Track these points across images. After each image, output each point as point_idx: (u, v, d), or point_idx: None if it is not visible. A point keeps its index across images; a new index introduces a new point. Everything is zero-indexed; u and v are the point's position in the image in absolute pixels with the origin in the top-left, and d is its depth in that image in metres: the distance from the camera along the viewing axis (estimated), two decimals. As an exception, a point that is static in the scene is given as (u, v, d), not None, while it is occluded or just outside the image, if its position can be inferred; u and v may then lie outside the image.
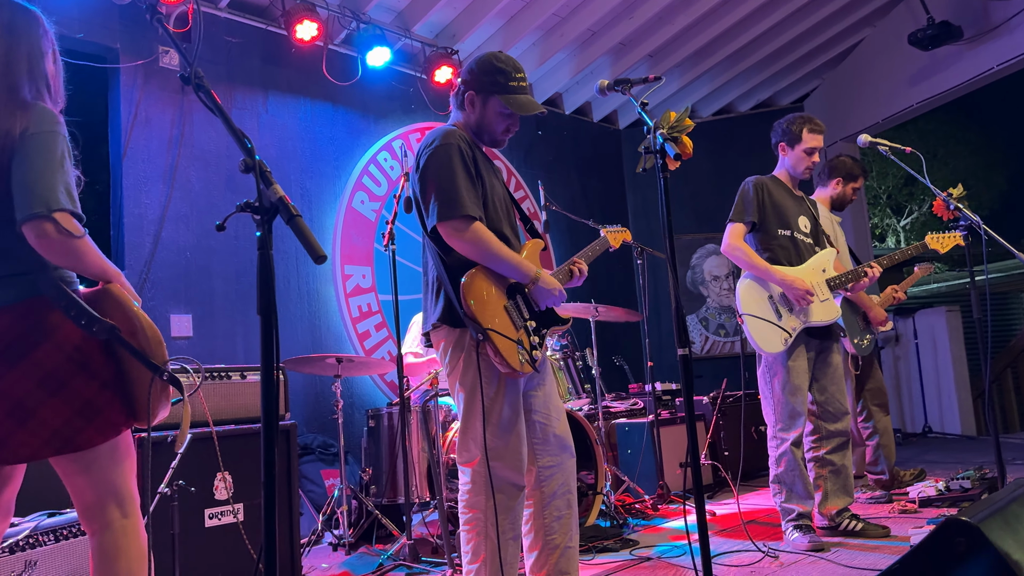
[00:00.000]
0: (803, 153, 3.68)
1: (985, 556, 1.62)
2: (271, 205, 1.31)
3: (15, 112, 1.74)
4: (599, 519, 4.08)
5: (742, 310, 3.54)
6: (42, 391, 1.71)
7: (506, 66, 2.65)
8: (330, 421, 5.10)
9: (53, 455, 1.74)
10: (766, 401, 3.60)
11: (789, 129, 3.69)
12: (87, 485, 1.81)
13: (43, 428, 1.70)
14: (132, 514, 1.86)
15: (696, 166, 7.83)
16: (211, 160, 5.01)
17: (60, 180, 1.72)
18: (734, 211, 3.67)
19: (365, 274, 5.70)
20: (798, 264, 3.61)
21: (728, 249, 3.62)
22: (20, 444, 1.70)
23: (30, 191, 1.68)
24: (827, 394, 3.63)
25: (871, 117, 7.76)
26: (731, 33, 6.92)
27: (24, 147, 1.71)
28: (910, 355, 8.08)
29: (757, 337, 3.49)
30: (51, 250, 1.71)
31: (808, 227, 3.74)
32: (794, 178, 3.78)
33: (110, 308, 1.79)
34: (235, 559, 3.14)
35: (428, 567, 3.51)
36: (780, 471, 3.53)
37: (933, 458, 6.13)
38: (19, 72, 1.79)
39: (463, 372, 2.57)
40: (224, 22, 5.18)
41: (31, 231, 1.69)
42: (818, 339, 3.62)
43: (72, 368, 1.74)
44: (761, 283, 3.58)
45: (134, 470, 1.90)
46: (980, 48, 6.75)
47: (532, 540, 2.69)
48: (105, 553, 1.81)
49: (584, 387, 4.40)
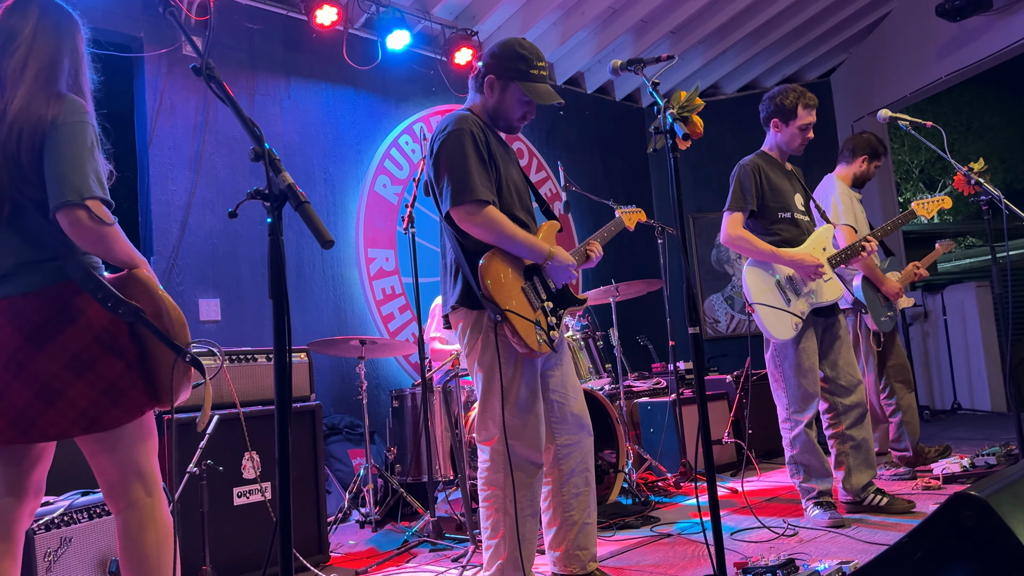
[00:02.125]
0: (798, 130, 3.60)
1: (994, 531, 1.63)
2: (280, 192, 1.36)
3: (49, 100, 1.82)
4: (621, 497, 4.12)
5: (752, 299, 3.50)
6: (69, 372, 1.77)
7: (529, 53, 2.68)
8: (356, 402, 5.18)
9: (80, 434, 1.81)
10: (777, 385, 3.59)
11: (783, 104, 3.60)
12: (111, 464, 1.88)
13: (71, 408, 1.77)
14: (155, 493, 1.93)
15: (721, 143, 7.78)
16: (236, 146, 5.08)
17: (91, 168, 1.78)
18: (731, 199, 3.57)
19: (388, 257, 5.76)
20: (801, 244, 3.57)
21: (729, 239, 3.54)
22: (49, 424, 1.77)
23: (63, 179, 1.75)
24: (837, 368, 3.60)
25: (899, 91, 7.62)
26: (755, 7, 6.82)
27: (54, 136, 1.78)
28: (939, 331, 7.98)
29: (768, 325, 3.47)
30: (83, 237, 1.77)
31: (803, 203, 3.69)
32: (784, 153, 3.71)
33: (135, 291, 1.85)
34: (263, 536, 3.23)
35: (452, 543, 3.57)
36: (795, 452, 3.53)
37: (961, 435, 6.07)
38: (60, 69, 1.89)
39: (481, 353, 2.62)
40: (245, 9, 5.23)
41: (64, 218, 1.75)
42: (823, 316, 3.61)
43: (98, 350, 1.80)
44: (766, 268, 3.54)
45: (156, 450, 1.96)
46: (1011, 18, 6.59)
47: (551, 517, 2.75)
48: (130, 531, 1.88)
49: (605, 366, 4.42)
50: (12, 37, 1.88)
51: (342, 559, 3.57)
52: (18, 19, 1.90)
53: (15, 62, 1.85)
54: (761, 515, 3.70)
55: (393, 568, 3.34)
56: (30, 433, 1.77)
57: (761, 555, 2.77)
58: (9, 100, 1.81)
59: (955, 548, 1.68)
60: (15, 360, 1.77)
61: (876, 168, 4.50)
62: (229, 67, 5.11)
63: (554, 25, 6.53)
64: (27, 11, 1.91)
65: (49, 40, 1.90)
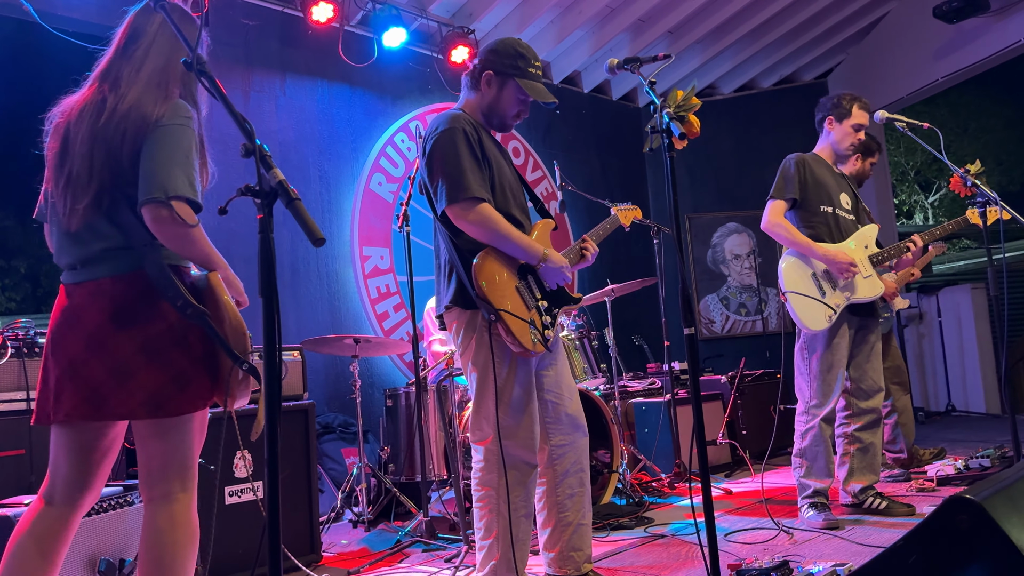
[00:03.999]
0: (851, 128, 3.64)
1: (988, 534, 1.62)
2: (271, 189, 1.34)
3: (158, 102, 1.90)
4: (615, 497, 4.11)
5: (785, 287, 3.52)
6: (142, 356, 1.83)
7: (527, 52, 2.72)
8: (350, 400, 5.16)
9: (145, 418, 1.85)
10: (801, 376, 3.59)
11: (840, 103, 3.65)
12: (159, 451, 1.90)
13: (140, 390, 1.82)
14: (191, 490, 1.95)
15: (718, 143, 7.78)
16: (230, 143, 5.03)
17: (181, 169, 1.86)
18: (775, 188, 3.63)
19: (383, 255, 5.74)
20: (840, 241, 3.59)
21: (768, 226, 3.59)
22: (118, 403, 1.82)
23: (152, 176, 1.82)
24: (861, 371, 3.62)
25: (896, 92, 7.63)
26: (753, 7, 6.81)
27: (154, 135, 1.86)
28: (934, 333, 7.99)
29: (801, 314, 3.47)
30: (164, 234, 1.85)
31: (850, 204, 3.71)
32: (837, 155, 3.74)
33: (204, 294, 1.93)
34: (255, 536, 3.21)
35: (445, 543, 3.56)
36: (805, 445, 3.53)
37: (955, 437, 6.08)
38: (175, 73, 1.98)
39: (475, 352, 2.60)
40: (241, 5, 5.20)
41: (148, 213, 1.83)
42: (859, 316, 3.60)
43: (171, 339, 1.86)
44: (804, 260, 3.56)
45: (200, 450, 1.99)
46: (1008, 20, 6.60)
47: (545, 517, 2.73)
48: (157, 525, 1.88)
49: (600, 366, 4.41)
50: (135, 38, 1.99)
51: (334, 559, 3.55)
52: (143, 20, 2.00)
53: (133, 63, 1.95)
54: (755, 516, 3.70)
55: (386, 568, 3.33)
56: (102, 411, 1.83)
57: (755, 556, 2.76)
58: (121, 98, 1.90)
59: (950, 551, 1.67)
60: (95, 339, 1.83)
61: (871, 165, 4.49)
62: (224, 63, 5.08)
63: (551, 24, 6.52)
64: (152, 13, 1.99)
65: (168, 43, 1.99)
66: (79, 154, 1.88)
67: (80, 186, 1.87)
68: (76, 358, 1.84)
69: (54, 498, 1.92)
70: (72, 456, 1.92)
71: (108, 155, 1.86)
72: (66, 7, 4.53)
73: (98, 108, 1.90)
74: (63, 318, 1.89)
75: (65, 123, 1.94)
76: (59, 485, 1.92)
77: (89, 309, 1.86)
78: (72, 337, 1.85)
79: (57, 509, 1.91)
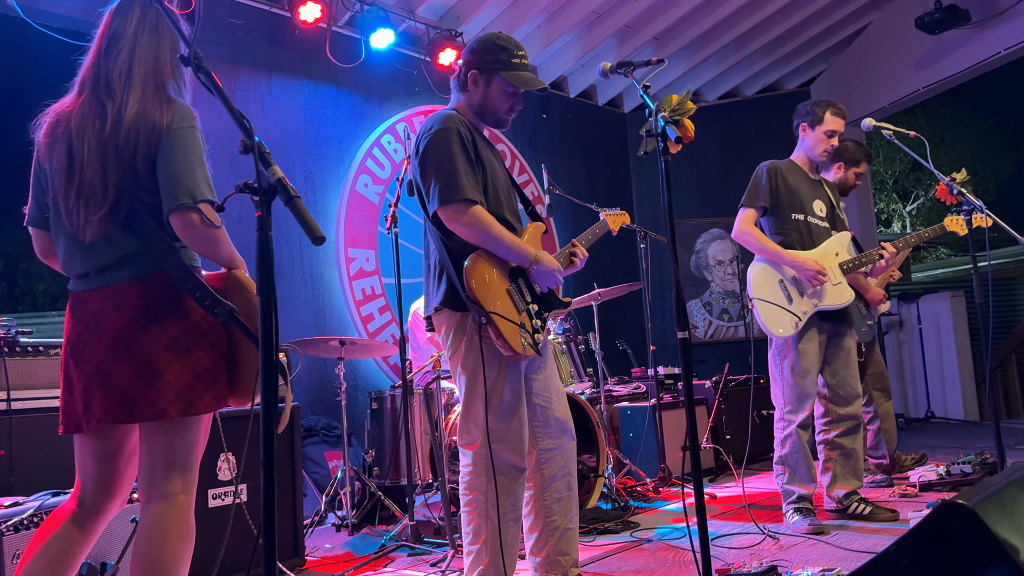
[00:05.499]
0: (823, 135, 3.65)
1: (980, 538, 1.63)
2: (270, 186, 1.32)
3: (162, 107, 1.89)
4: (600, 502, 4.10)
5: (752, 294, 3.55)
6: (169, 354, 1.83)
7: (508, 44, 2.67)
8: (334, 403, 5.12)
9: (176, 416, 1.83)
10: (775, 383, 3.61)
11: (812, 110, 3.68)
12: (164, 448, 1.88)
13: (169, 389, 1.81)
14: (190, 491, 1.93)
15: (701, 150, 7.81)
16: (214, 142, 4.93)
17: (201, 172, 1.86)
18: (746, 196, 3.66)
19: (369, 257, 5.71)
20: (811, 248, 3.61)
21: (738, 234, 3.62)
22: (148, 403, 1.80)
23: (177, 183, 1.82)
24: (839, 377, 3.63)
25: (877, 101, 7.71)
26: (738, 16, 6.87)
27: (169, 140, 1.85)
28: (914, 340, 8.08)
29: (767, 320, 3.50)
30: (194, 238, 1.85)
31: (824, 211, 3.73)
32: (812, 161, 3.76)
33: (232, 291, 1.92)
34: (239, 539, 3.17)
35: (430, 548, 3.54)
36: (784, 452, 3.54)
37: (935, 443, 6.14)
38: (166, 71, 1.96)
39: (465, 355, 2.58)
40: (228, 3, 5.16)
41: (178, 220, 1.82)
42: (831, 323, 3.62)
43: (197, 336, 1.86)
44: (773, 267, 3.58)
45: (202, 452, 1.97)
46: (988, 32, 6.70)
47: (532, 522, 2.72)
48: (156, 526, 1.85)
49: (586, 371, 4.41)
50: (116, 39, 1.95)
51: (318, 563, 3.52)
52: (121, 20, 1.97)
53: (120, 65, 1.92)
54: (740, 521, 3.71)
55: (371, 572, 3.30)
56: (133, 413, 1.81)
57: (743, 561, 2.76)
58: (121, 104, 1.87)
59: (942, 555, 1.68)
60: (119, 341, 1.82)
61: (857, 175, 4.52)
62: (210, 61, 4.93)
63: (538, 28, 6.53)
64: (129, 11, 1.97)
65: (150, 40, 1.96)
66: (90, 164, 1.85)
67: (95, 198, 1.85)
68: (102, 363, 1.82)
69: (85, 502, 1.92)
70: (98, 463, 1.91)
71: (122, 164, 1.85)
72: (50, 2, 4.47)
73: (100, 116, 1.88)
74: (82, 325, 1.87)
75: (66, 132, 1.90)
76: (89, 489, 1.92)
77: (110, 313, 1.85)
78: (95, 343, 1.84)
79: (87, 512, 1.91)
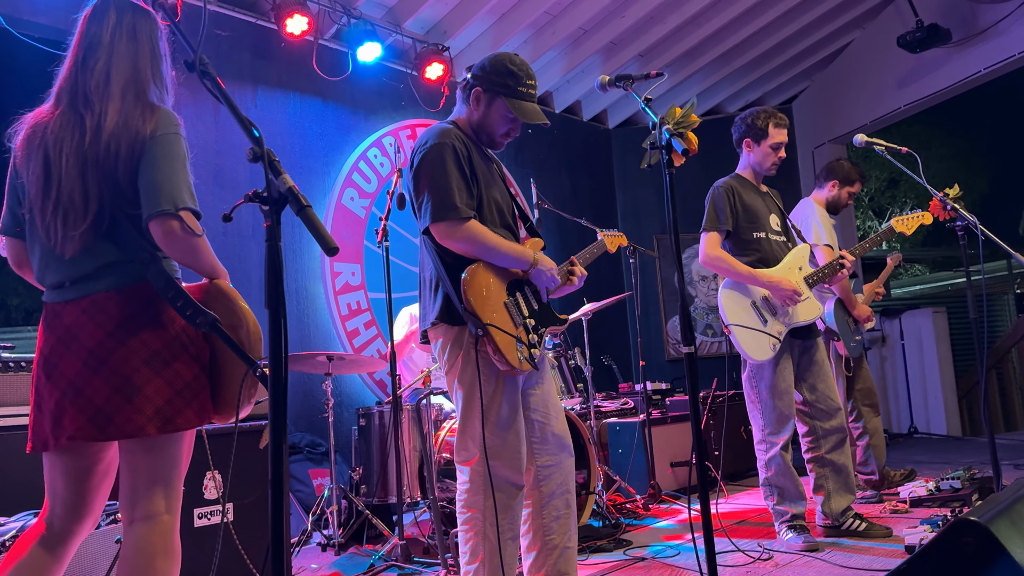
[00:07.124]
0: (769, 149, 3.60)
1: (994, 556, 1.61)
2: (280, 195, 1.28)
3: (145, 115, 1.83)
4: (592, 519, 4.06)
5: (728, 320, 3.47)
6: (148, 369, 1.76)
7: (519, 70, 2.62)
8: (318, 420, 5.04)
9: (155, 434, 1.76)
10: (753, 406, 3.56)
11: (754, 124, 3.60)
12: (145, 468, 1.81)
13: (148, 405, 1.75)
14: (174, 512, 1.86)
15: (684, 166, 7.73)
16: (199, 155, 4.94)
17: (183, 180, 1.81)
18: (707, 220, 3.57)
19: (355, 271, 5.65)
20: (775, 265, 3.57)
21: (707, 260, 3.53)
22: (125, 420, 1.74)
23: (159, 189, 1.77)
24: (817, 392, 3.59)
25: (859, 119, 7.79)
26: (722, 33, 6.93)
27: (153, 147, 1.80)
28: (896, 356, 8.13)
29: (745, 346, 3.43)
30: (174, 246, 1.79)
31: (779, 224, 3.69)
32: (759, 174, 3.71)
33: (214, 301, 1.85)
34: (225, 559, 3.09)
35: (420, 567, 3.47)
36: (770, 475, 3.50)
37: (920, 458, 6.16)
38: (146, 77, 1.90)
39: (461, 370, 2.54)
40: (213, 15, 5.11)
41: (158, 227, 1.77)
42: (800, 339, 3.59)
43: (177, 349, 1.80)
44: (741, 289, 3.52)
45: (186, 470, 1.91)
46: (968, 51, 6.80)
47: (531, 540, 2.66)
48: (140, 547, 1.78)
49: (576, 386, 4.38)
50: (92, 48, 1.89)
51: (306, 583, 3.44)
52: (96, 27, 1.90)
53: (97, 75, 1.86)
54: (734, 538, 3.67)
55: (360, 593, 3.23)
56: (107, 430, 1.74)
57: (742, 580, 2.73)
58: (101, 114, 1.82)
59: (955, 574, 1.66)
60: (96, 356, 1.75)
61: (850, 195, 4.54)
62: (195, 73, 4.96)
63: (525, 43, 6.53)
64: (104, 17, 1.91)
65: (128, 47, 1.90)
66: (68, 178, 1.79)
67: (75, 212, 1.79)
68: (76, 378, 1.75)
69: (54, 524, 1.83)
70: (69, 482, 1.83)
71: (102, 177, 1.80)
72: (32, 12, 4.40)
73: (78, 128, 1.82)
74: (56, 338, 1.80)
75: (42, 144, 1.83)
76: (59, 510, 1.84)
77: (86, 326, 1.78)
78: (70, 357, 1.77)
79: (57, 535, 1.82)
